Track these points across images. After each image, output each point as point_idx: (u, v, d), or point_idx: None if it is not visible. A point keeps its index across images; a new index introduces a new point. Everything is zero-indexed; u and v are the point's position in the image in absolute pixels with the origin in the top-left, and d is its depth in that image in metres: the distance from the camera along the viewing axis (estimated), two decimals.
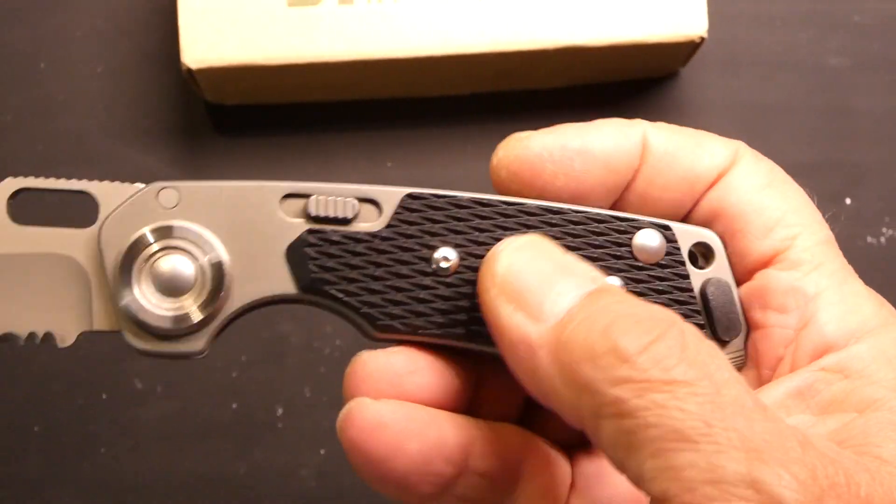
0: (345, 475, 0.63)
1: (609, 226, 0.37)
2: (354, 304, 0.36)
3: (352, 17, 0.60)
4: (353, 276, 0.36)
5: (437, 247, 0.36)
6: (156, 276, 0.35)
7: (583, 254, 0.36)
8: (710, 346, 0.30)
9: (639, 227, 0.37)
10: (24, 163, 0.65)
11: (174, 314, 0.35)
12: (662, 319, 0.30)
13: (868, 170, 0.67)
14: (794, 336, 0.35)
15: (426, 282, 0.36)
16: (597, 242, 0.37)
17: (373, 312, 0.36)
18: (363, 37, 0.60)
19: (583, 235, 0.37)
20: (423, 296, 0.36)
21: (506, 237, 0.36)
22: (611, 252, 0.37)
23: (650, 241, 0.37)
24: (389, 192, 0.36)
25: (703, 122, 0.67)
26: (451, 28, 0.60)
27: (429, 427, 0.34)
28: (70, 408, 0.63)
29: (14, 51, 0.66)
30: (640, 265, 0.37)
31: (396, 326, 0.36)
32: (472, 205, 0.36)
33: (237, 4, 0.60)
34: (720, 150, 0.37)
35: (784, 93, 0.68)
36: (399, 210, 0.36)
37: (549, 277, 0.33)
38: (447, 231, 0.36)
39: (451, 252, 0.36)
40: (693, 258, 0.37)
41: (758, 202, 0.36)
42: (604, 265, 0.36)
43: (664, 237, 0.37)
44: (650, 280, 0.37)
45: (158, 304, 0.35)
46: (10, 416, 0.63)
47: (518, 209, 0.36)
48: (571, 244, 0.36)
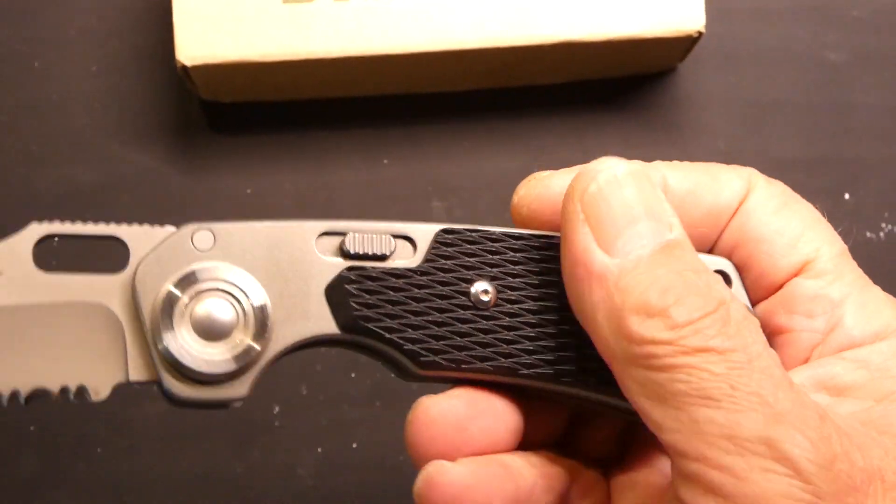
0: (342, 473, 0.63)
1: None
2: (397, 341, 0.36)
3: (347, 14, 0.60)
4: (395, 312, 0.36)
5: (475, 280, 0.37)
6: (196, 321, 0.35)
7: None
8: (751, 324, 0.32)
9: None
10: (19, 162, 0.65)
11: (213, 359, 0.35)
12: (715, 297, 0.32)
13: (867, 165, 0.67)
14: (822, 339, 0.37)
15: (466, 315, 0.36)
16: None
17: (416, 349, 0.36)
18: (358, 33, 0.60)
19: None
20: (465, 329, 0.36)
21: (539, 268, 0.37)
22: None
23: None
24: (423, 229, 0.37)
25: (702, 118, 0.67)
26: (447, 24, 0.60)
27: (506, 481, 0.36)
28: (66, 408, 0.62)
29: (8, 50, 0.66)
30: None
31: (440, 362, 0.36)
32: (505, 238, 0.37)
33: (232, 1, 0.59)
34: (736, 182, 0.38)
35: (782, 88, 0.68)
36: (434, 245, 0.37)
37: (632, 215, 0.34)
38: (483, 265, 0.37)
39: (489, 285, 0.37)
40: None
41: (777, 224, 0.38)
42: None
43: None
44: None
45: (200, 349, 0.35)
46: (6, 417, 0.63)
47: (547, 242, 0.37)
48: None
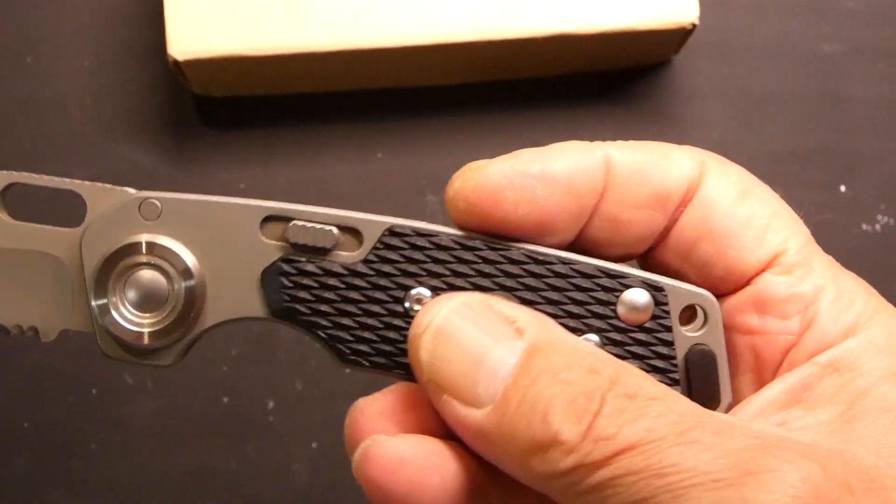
0: (337, 468, 0.62)
1: (596, 281, 0.35)
2: (322, 336, 0.36)
3: (339, 7, 0.59)
4: (324, 310, 0.36)
5: (413, 287, 0.35)
6: (130, 289, 0.36)
7: (563, 308, 0.35)
8: (648, 391, 0.31)
9: (628, 286, 0.36)
10: (12, 158, 0.65)
11: (140, 330, 0.36)
12: (596, 388, 0.30)
13: (862, 157, 0.67)
14: (797, 340, 0.35)
15: (397, 322, 0.35)
16: (580, 298, 0.35)
17: (340, 347, 0.36)
18: (351, 26, 0.59)
19: (566, 289, 0.35)
20: (392, 336, 0.36)
21: (484, 283, 0.35)
22: (593, 310, 0.36)
23: (637, 301, 0.36)
24: (372, 223, 0.36)
25: (696, 110, 0.67)
26: (440, 17, 0.60)
27: (449, 459, 0.34)
28: (60, 404, 0.62)
29: (0, 47, 0.66)
30: (623, 326, 0.36)
31: (362, 362, 0.36)
32: (454, 245, 0.35)
33: None
34: (686, 162, 0.36)
35: (777, 80, 0.68)
36: (378, 245, 0.35)
37: (475, 357, 0.32)
38: (424, 272, 0.35)
39: (427, 293, 0.35)
40: (687, 317, 0.36)
41: (741, 214, 0.36)
42: (584, 322, 0.35)
43: (653, 299, 0.36)
44: (631, 343, 0.36)
45: (129, 318, 0.36)
46: (0, 414, 0.62)
47: (502, 255, 0.36)
48: (553, 298, 0.35)
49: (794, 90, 0.67)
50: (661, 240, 0.37)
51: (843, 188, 0.67)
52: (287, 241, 0.35)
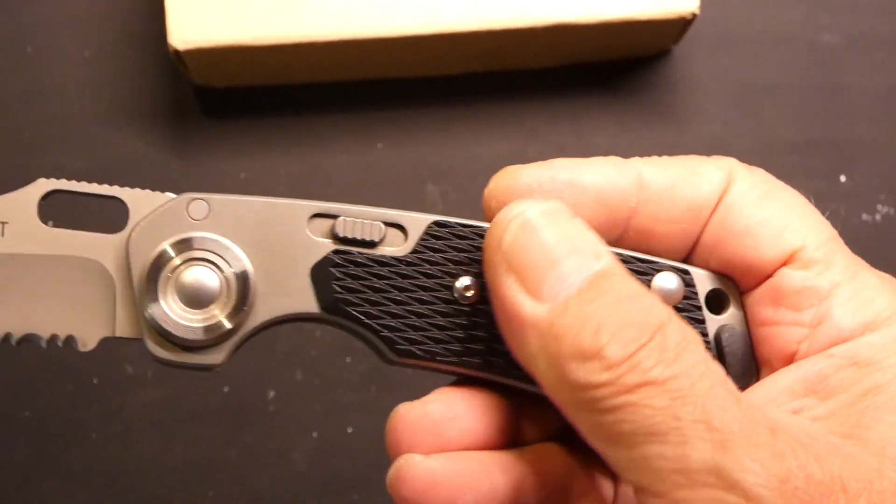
0: (337, 458, 0.63)
1: (628, 266, 0.36)
2: (375, 327, 0.36)
3: None
4: (376, 299, 0.36)
5: (460, 276, 0.37)
6: (181, 287, 0.36)
7: None
8: (691, 342, 0.32)
9: (658, 270, 0.37)
10: (12, 148, 0.65)
11: (200, 325, 0.36)
12: (650, 323, 0.32)
13: (862, 147, 0.67)
14: (809, 333, 0.36)
15: (447, 309, 0.37)
16: None
17: (392, 336, 0.37)
18: (352, 16, 0.59)
19: None
20: (443, 323, 0.37)
21: None
22: None
23: (668, 285, 0.37)
24: (416, 219, 0.37)
25: (696, 101, 0.67)
26: (441, 6, 0.60)
27: (480, 477, 0.35)
28: (60, 393, 0.62)
29: (0, 37, 0.66)
30: None
31: (415, 352, 0.37)
32: None
33: None
34: (716, 174, 0.38)
35: (777, 70, 0.68)
36: (425, 237, 0.37)
37: (553, 256, 0.33)
38: (470, 261, 0.37)
39: (473, 282, 0.37)
40: (710, 303, 0.38)
41: (760, 214, 0.37)
42: None
43: (683, 281, 0.37)
44: None
45: (183, 315, 0.36)
46: (0, 403, 0.62)
47: None
48: None
49: (794, 80, 0.67)
50: (692, 248, 0.38)
51: (843, 178, 0.67)
52: (335, 237, 0.36)
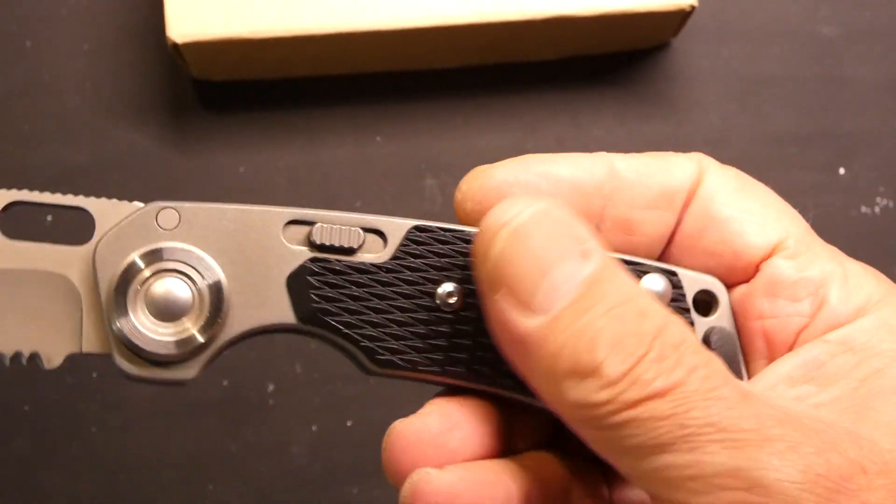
0: (336, 451, 0.63)
1: None
2: (354, 337, 0.35)
3: None
4: (355, 308, 0.35)
5: (442, 282, 0.35)
6: (152, 300, 0.34)
7: None
8: (689, 343, 0.31)
9: (645, 272, 0.36)
10: (11, 142, 0.65)
11: (171, 339, 0.34)
12: (646, 332, 0.31)
13: (861, 139, 0.67)
14: (809, 321, 0.36)
15: (429, 317, 0.35)
16: None
17: (372, 346, 0.35)
18: (350, 9, 0.59)
19: None
20: (425, 331, 0.35)
21: None
22: None
23: (655, 286, 0.36)
24: (396, 224, 0.36)
25: (695, 93, 0.67)
26: None
27: (497, 487, 0.35)
28: (60, 387, 0.62)
29: None
30: None
31: (396, 362, 0.35)
32: None
33: None
34: (686, 163, 0.37)
35: (776, 62, 0.67)
36: (405, 242, 0.35)
37: (543, 265, 0.32)
38: (453, 266, 0.35)
39: (456, 288, 0.35)
40: (698, 305, 0.37)
41: (741, 206, 0.37)
42: None
43: (670, 282, 0.36)
44: None
45: (154, 329, 0.34)
46: (0, 396, 0.63)
47: None
48: None
49: (793, 73, 0.67)
50: (671, 241, 0.38)
51: (843, 171, 0.67)
52: (312, 244, 0.35)
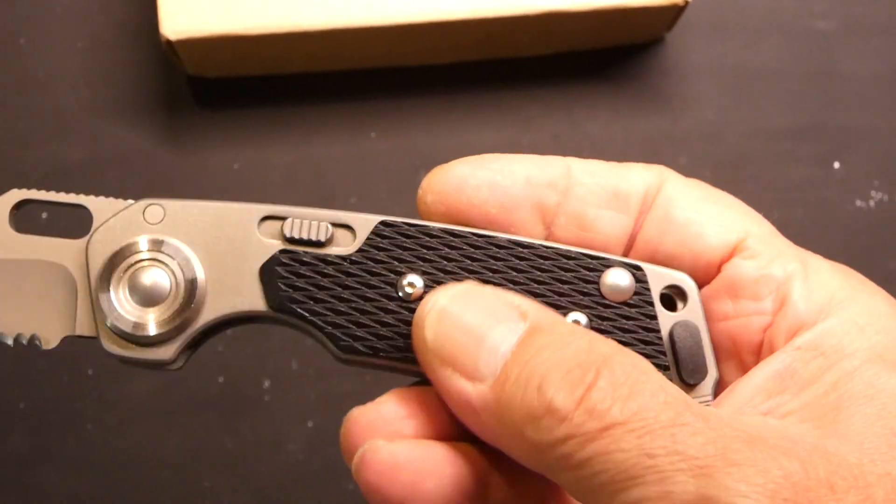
0: (332, 447, 0.62)
1: (578, 263, 0.37)
2: (319, 324, 0.37)
3: None
4: (321, 297, 0.37)
5: (405, 273, 0.37)
6: (134, 285, 0.38)
7: (550, 289, 0.37)
8: (643, 371, 0.31)
9: (609, 266, 0.37)
10: (5, 140, 0.65)
11: (141, 321, 0.37)
12: (592, 361, 0.31)
13: (856, 133, 0.67)
14: (772, 320, 0.36)
15: (391, 307, 0.37)
16: (565, 278, 0.37)
17: (336, 333, 0.37)
18: (344, 5, 0.59)
19: (551, 271, 0.37)
20: (387, 320, 0.37)
21: (474, 267, 0.37)
22: (578, 289, 0.37)
23: (619, 281, 0.37)
24: (363, 219, 0.38)
25: (690, 88, 0.67)
26: None
27: (444, 464, 0.35)
28: (56, 384, 0.62)
29: None
30: (608, 303, 0.37)
31: (358, 348, 0.37)
32: (443, 235, 0.38)
33: None
34: (643, 171, 0.38)
35: (771, 57, 0.67)
36: (371, 236, 0.38)
37: (477, 334, 0.34)
38: (416, 259, 0.37)
39: (418, 280, 0.37)
40: (667, 300, 0.38)
41: (702, 209, 0.38)
42: (570, 301, 0.37)
43: (634, 277, 0.37)
44: (616, 319, 0.37)
45: (132, 311, 0.37)
46: None
47: (488, 241, 0.38)
48: (539, 278, 0.37)
49: (788, 67, 0.67)
50: (630, 247, 0.38)
51: (837, 165, 0.67)
52: (284, 238, 0.38)
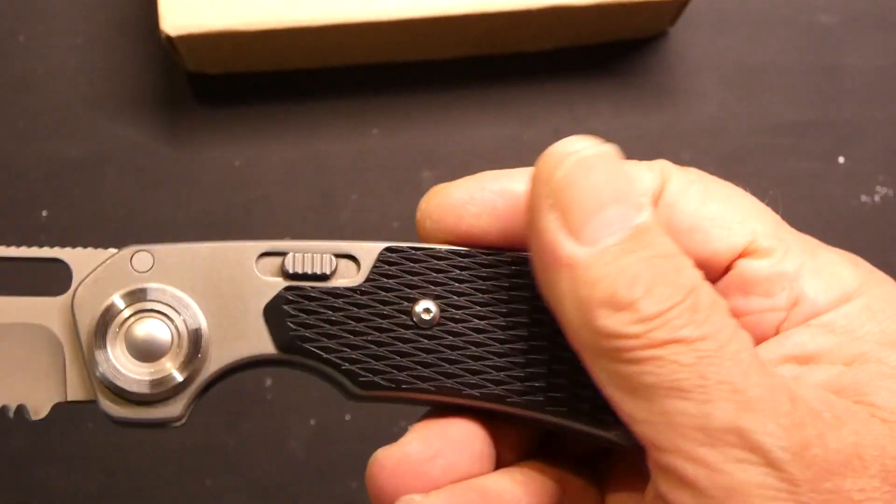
0: (334, 445, 0.62)
1: None
2: (335, 361, 0.36)
3: None
4: (333, 332, 0.36)
5: (418, 300, 0.36)
6: (131, 341, 0.35)
7: None
8: (720, 308, 0.32)
9: None
10: (5, 137, 0.65)
11: (152, 378, 0.35)
12: (684, 285, 0.32)
13: (860, 128, 0.67)
14: (786, 315, 0.36)
15: (408, 335, 0.36)
16: None
17: (354, 369, 0.36)
18: (344, 0, 0.59)
19: None
20: (406, 349, 0.36)
21: (486, 287, 0.36)
22: None
23: None
24: (366, 248, 0.36)
25: (693, 82, 0.67)
26: None
27: None
28: None
29: None
30: None
31: (379, 382, 0.36)
32: (451, 256, 0.36)
33: None
34: (646, 173, 0.37)
35: (774, 51, 0.67)
36: (377, 264, 0.36)
37: (600, 200, 0.33)
38: (427, 283, 0.36)
39: (432, 305, 0.36)
40: None
41: (705, 211, 0.37)
42: None
43: None
44: None
45: (134, 370, 0.35)
46: None
47: (496, 259, 0.36)
48: None
49: (791, 61, 0.67)
50: None
51: (842, 159, 0.66)
52: (286, 274, 0.36)
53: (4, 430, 0.62)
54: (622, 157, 0.34)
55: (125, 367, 0.35)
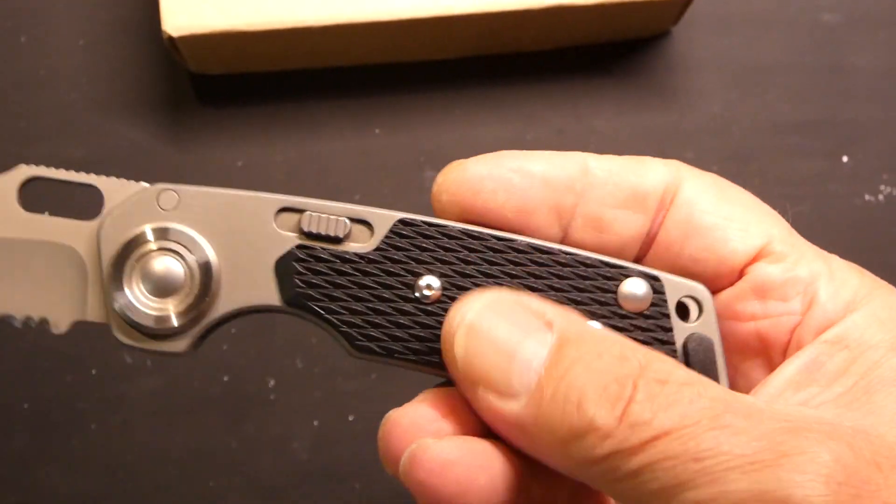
0: (338, 446, 0.62)
1: (597, 271, 0.37)
2: (334, 322, 0.37)
3: None
4: (336, 295, 0.37)
5: (423, 274, 0.37)
6: (147, 275, 0.37)
7: (567, 296, 0.37)
8: (678, 375, 0.31)
9: (627, 275, 0.37)
10: (7, 138, 0.65)
11: (156, 314, 0.37)
12: (628, 374, 0.31)
13: (864, 127, 0.66)
14: (801, 319, 0.36)
15: (407, 308, 0.37)
16: (582, 286, 0.37)
17: (351, 332, 0.37)
18: (347, 0, 0.59)
19: (568, 278, 0.37)
20: (403, 321, 0.37)
21: (492, 271, 0.37)
22: (595, 297, 0.37)
23: (636, 290, 0.37)
24: (382, 215, 0.37)
25: (696, 82, 0.67)
26: None
27: (493, 459, 0.35)
28: (59, 384, 0.62)
29: None
30: (624, 313, 0.37)
31: (373, 348, 0.37)
32: (462, 236, 0.37)
33: None
34: (661, 168, 0.38)
35: (777, 50, 0.67)
36: (389, 235, 0.37)
37: (507, 351, 0.33)
38: (434, 260, 0.37)
39: (436, 281, 0.37)
40: (682, 310, 0.37)
41: (722, 212, 0.37)
42: (587, 309, 0.37)
43: (651, 287, 0.37)
44: (632, 329, 0.37)
45: (146, 303, 0.37)
46: None
47: (507, 245, 0.37)
48: (557, 285, 0.37)
49: (795, 60, 0.67)
50: (650, 246, 0.38)
51: (846, 158, 0.66)
52: (301, 231, 0.37)
53: (5, 430, 0.62)
54: (507, 295, 0.34)
55: (137, 300, 0.37)
